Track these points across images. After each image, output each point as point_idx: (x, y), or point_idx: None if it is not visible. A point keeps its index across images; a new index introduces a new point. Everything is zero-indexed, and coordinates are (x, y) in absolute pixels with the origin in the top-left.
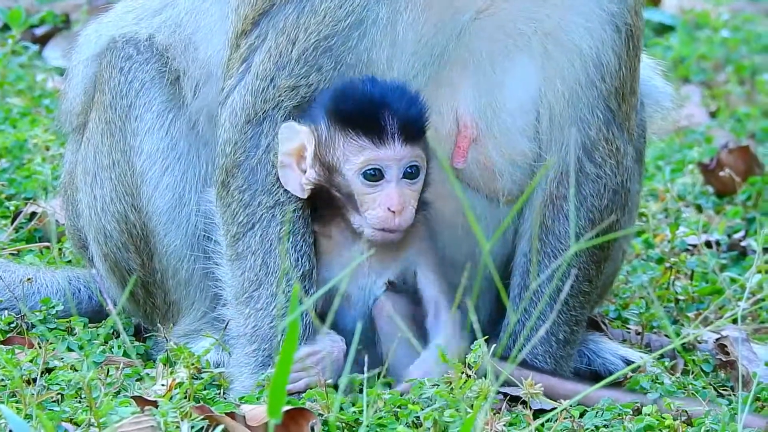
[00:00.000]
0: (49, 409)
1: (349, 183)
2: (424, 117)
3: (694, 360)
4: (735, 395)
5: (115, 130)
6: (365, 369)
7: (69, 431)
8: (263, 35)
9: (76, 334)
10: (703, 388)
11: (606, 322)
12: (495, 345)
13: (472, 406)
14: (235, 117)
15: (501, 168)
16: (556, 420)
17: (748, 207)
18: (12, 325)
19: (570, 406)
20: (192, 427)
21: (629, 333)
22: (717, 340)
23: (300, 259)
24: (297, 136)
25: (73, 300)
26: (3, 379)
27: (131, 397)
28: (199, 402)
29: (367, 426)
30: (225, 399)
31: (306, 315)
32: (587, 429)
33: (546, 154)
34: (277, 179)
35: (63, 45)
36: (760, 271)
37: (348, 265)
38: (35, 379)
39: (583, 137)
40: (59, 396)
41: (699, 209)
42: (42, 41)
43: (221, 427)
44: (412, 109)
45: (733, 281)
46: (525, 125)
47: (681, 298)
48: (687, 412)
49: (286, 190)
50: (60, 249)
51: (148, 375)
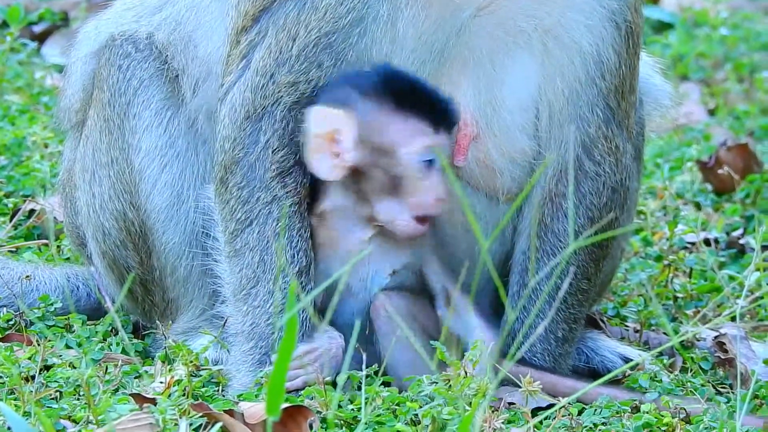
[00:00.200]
0: (48, 407)
1: (404, 166)
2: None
3: (692, 358)
4: (733, 393)
5: (114, 127)
6: (363, 366)
7: (67, 428)
8: (263, 31)
9: (74, 331)
10: (702, 385)
11: (604, 319)
12: (493, 342)
13: (470, 403)
14: (235, 113)
15: (501, 166)
16: (554, 417)
17: (746, 205)
18: (10, 323)
19: (568, 403)
20: (190, 425)
21: (628, 331)
22: (715, 337)
23: (296, 255)
24: (331, 119)
25: (72, 297)
26: (1, 377)
27: (130, 395)
28: (198, 399)
29: (366, 423)
30: (223, 396)
31: (303, 312)
32: (585, 427)
33: (545, 151)
34: (276, 175)
35: (62, 42)
36: (758, 269)
37: (348, 257)
38: (34, 377)
39: (583, 135)
40: (58, 393)
41: (698, 207)
42: (41, 38)
43: (219, 425)
44: (450, 100)
45: (732, 279)
46: (525, 123)
47: (679, 295)
48: (685, 409)
49: (283, 185)
50: (58, 246)
51: (146, 372)
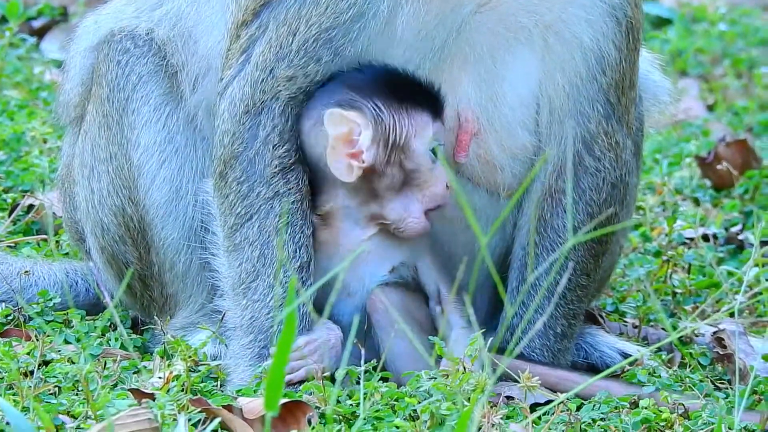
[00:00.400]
0: (46, 402)
1: (418, 158)
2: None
3: (691, 353)
4: (732, 388)
5: (113, 123)
6: (362, 361)
7: (66, 423)
8: (264, 26)
9: (73, 326)
10: (700, 381)
11: (603, 315)
12: (492, 338)
13: (469, 399)
14: (234, 108)
15: (501, 162)
16: (552, 413)
17: (745, 200)
18: (9, 318)
19: (567, 399)
20: (189, 420)
21: (626, 326)
22: (714, 333)
23: (298, 251)
24: (346, 121)
25: (71, 292)
26: (0, 372)
27: (128, 390)
28: (196, 395)
29: (364, 419)
30: (222, 392)
31: (303, 306)
32: (584, 422)
33: (546, 147)
34: (278, 171)
35: (61, 37)
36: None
37: (347, 255)
38: (32, 372)
39: (583, 130)
40: (56, 388)
41: (696, 203)
42: (39, 33)
43: (218, 420)
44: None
45: (731, 274)
46: (525, 118)
47: (678, 291)
48: (684, 405)
49: (286, 182)
50: (57, 241)
51: (145, 368)
